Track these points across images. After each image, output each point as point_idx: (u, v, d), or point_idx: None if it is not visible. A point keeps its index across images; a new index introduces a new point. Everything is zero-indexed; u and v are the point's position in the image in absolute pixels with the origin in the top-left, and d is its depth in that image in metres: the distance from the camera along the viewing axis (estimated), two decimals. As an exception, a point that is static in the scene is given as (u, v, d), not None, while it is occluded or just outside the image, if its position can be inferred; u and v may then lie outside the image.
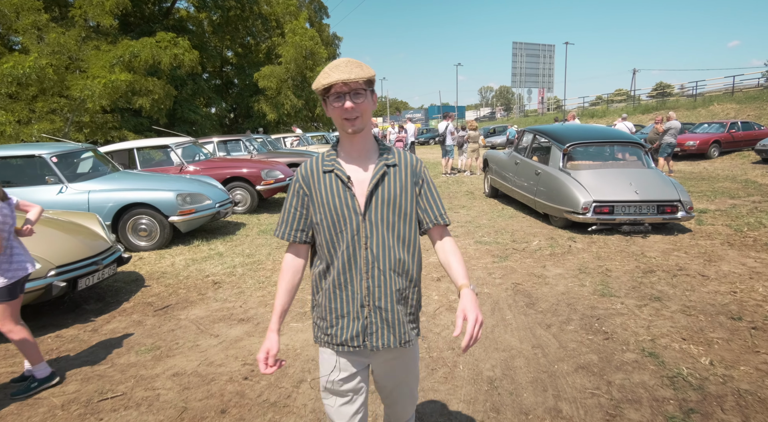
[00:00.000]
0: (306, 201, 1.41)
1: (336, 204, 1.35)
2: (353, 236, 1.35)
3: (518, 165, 7.38)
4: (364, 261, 1.35)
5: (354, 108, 1.29)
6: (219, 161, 8.87)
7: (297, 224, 1.43)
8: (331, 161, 1.39)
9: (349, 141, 1.38)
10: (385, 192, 1.36)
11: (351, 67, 1.28)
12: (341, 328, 1.39)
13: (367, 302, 1.37)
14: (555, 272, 4.39)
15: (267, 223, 7.51)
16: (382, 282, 1.36)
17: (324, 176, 1.38)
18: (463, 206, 8.14)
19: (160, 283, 4.74)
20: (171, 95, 13.11)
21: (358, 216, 1.35)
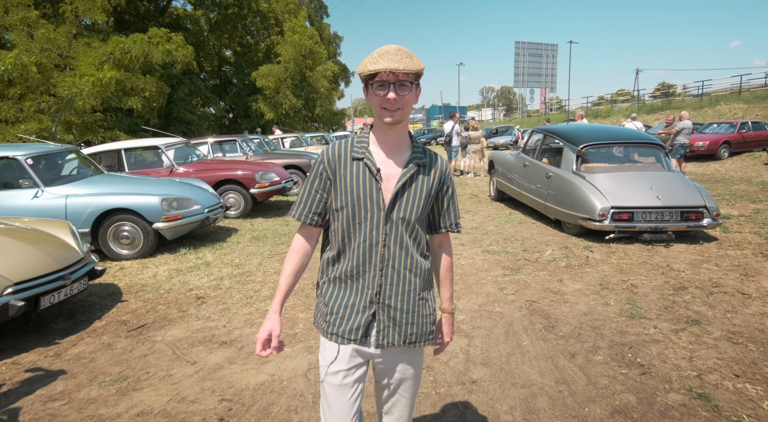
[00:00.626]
0: (328, 185, 1.36)
1: (360, 194, 1.31)
2: (371, 231, 1.31)
3: (527, 167, 6.95)
4: (380, 258, 1.32)
5: (397, 100, 1.24)
6: (211, 163, 8.46)
7: (315, 206, 1.39)
8: (362, 149, 1.34)
9: (384, 132, 1.32)
10: (412, 192, 1.32)
11: (401, 57, 1.22)
12: (342, 318, 1.36)
13: (377, 299, 1.34)
14: (573, 288, 3.96)
15: (260, 229, 7.09)
16: (395, 281, 1.34)
17: (353, 162, 1.33)
18: (468, 211, 7.71)
19: (139, 297, 4.32)
20: (164, 93, 12.70)
21: (381, 211, 1.30)
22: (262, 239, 6.35)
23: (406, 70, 1.21)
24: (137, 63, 11.21)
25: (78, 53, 10.61)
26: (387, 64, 1.20)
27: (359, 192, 1.31)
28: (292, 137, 16.47)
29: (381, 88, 1.24)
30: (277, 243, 6.11)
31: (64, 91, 9.11)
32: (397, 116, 1.27)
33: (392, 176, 1.32)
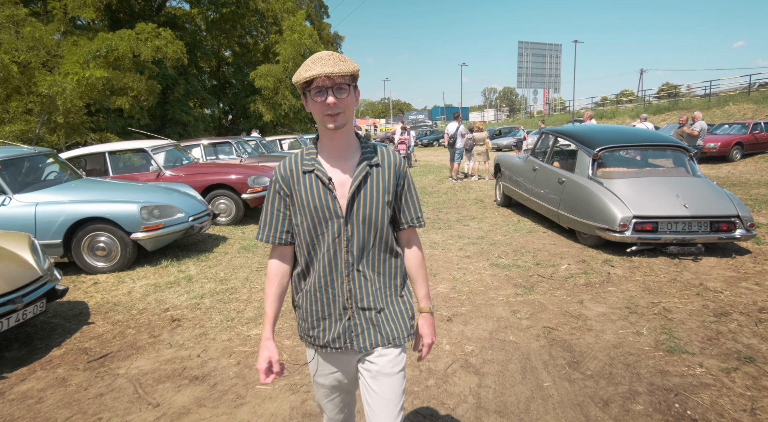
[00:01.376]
0: (287, 202, 1.36)
1: (317, 206, 1.31)
2: (334, 239, 1.32)
3: (537, 172, 6.48)
4: (344, 264, 1.33)
5: (337, 103, 1.23)
6: (202, 167, 8.02)
7: (281, 225, 1.39)
8: (311, 161, 1.34)
9: (330, 138, 1.32)
10: (368, 194, 1.32)
11: (335, 61, 1.22)
12: (323, 330, 1.38)
13: (349, 304, 1.35)
14: (597, 312, 3.48)
15: (251, 237, 6.63)
16: (363, 283, 1.35)
17: (304, 176, 1.33)
18: (474, 218, 7.23)
19: (108, 319, 3.86)
20: (155, 92, 12.24)
21: (339, 219, 1.31)
22: (251, 249, 5.89)
23: (342, 73, 1.20)
24: (127, 61, 10.77)
25: (63, 51, 10.16)
26: (321, 69, 1.19)
27: (315, 204, 1.30)
28: (291, 139, 16.05)
29: (319, 95, 1.23)
30: (268, 254, 5.64)
31: (44, 90, 8.68)
32: (340, 120, 1.25)
33: (345, 181, 1.32)
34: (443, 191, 10.39)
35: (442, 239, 5.95)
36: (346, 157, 1.34)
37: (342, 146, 1.33)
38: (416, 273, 1.46)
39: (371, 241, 1.34)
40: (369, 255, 1.35)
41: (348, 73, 1.22)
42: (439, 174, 13.85)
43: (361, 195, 1.31)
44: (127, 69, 10.99)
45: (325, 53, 1.25)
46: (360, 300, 1.35)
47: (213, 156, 10.61)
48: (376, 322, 1.37)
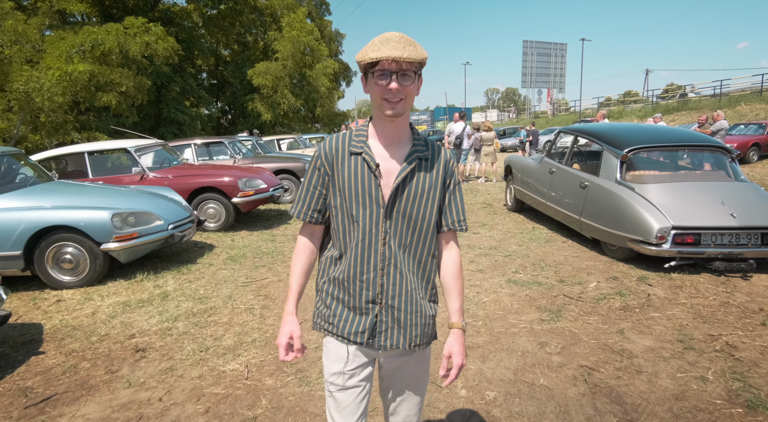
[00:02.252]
0: (326, 180, 1.30)
1: (358, 191, 1.25)
2: (371, 229, 1.25)
3: (554, 175, 5.88)
4: (380, 257, 1.26)
5: (399, 90, 1.17)
6: (190, 168, 7.45)
7: (315, 203, 1.33)
8: (360, 143, 1.27)
9: (384, 125, 1.25)
10: (413, 187, 1.26)
11: (404, 44, 1.15)
12: (346, 320, 1.31)
13: (379, 299, 1.29)
14: (643, 346, 2.89)
15: (241, 245, 6.06)
16: (397, 281, 1.28)
17: (350, 157, 1.27)
18: (484, 224, 6.64)
19: (62, 348, 3.30)
20: (144, 89, 11.67)
21: (380, 208, 1.25)
22: (239, 260, 5.32)
23: (410, 59, 1.14)
24: (115, 56, 10.18)
25: (46, 45, 9.61)
26: (390, 52, 1.13)
27: (357, 188, 1.25)
28: (290, 139, 15.49)
29: (382, 78, 1.17)
30: (257, 266, 5.08)
31: (19, 86, 8.12)
32: (399, 108, 1.20)
33: (392, 171, 1.26)
34: (449, 194, 9.81)
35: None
36: (398, 146, 1.28)
37: (395, 134, 1.27)
38: (452, 284, 1.36)
39: (410, 238, 1.28)
40: (407, 253, 1.29)
41: (417, 59, 1.15)
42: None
43: (407, 188, 1.26)
44: (116, 65, 10.44)
45: (396, 35, 1.17)
46: (391, 298, 1.28)
47: (206, 157, 10.06)
48: (403, 323, 1.30)
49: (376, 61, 1.14)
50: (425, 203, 1.27)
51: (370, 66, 1.16)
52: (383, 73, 1.15)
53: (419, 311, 1.31)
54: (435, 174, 1.29)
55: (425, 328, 1.34)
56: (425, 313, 1.33)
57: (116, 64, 10.56)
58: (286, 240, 6.28)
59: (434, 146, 1.33)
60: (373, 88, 1.19)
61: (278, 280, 4.61)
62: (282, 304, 3.98)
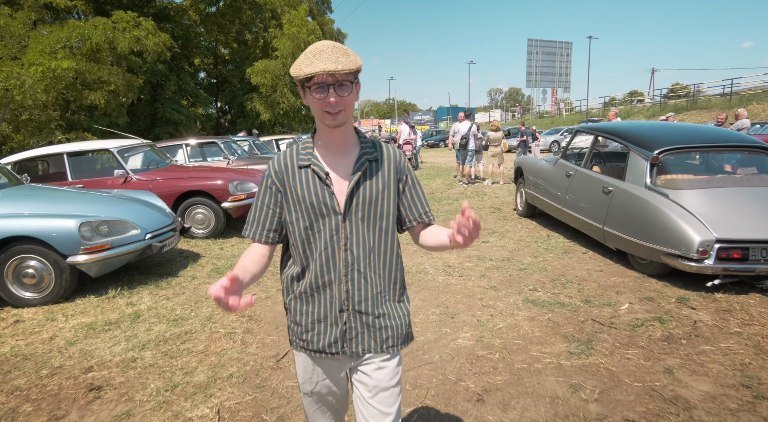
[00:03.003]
0: (279, 198, 1.30)
1: (313, 202, 1.25)
2: (332, 237, 1.25)
3: (572, 178, 5.37)
4: (343, 263, 1.26)
5: (338, 102, 1.17)
6: (178, 170, 6.97)
7: (270, 223, 1.32)
8: (307, 155, 1.28)
9: (328, 135, 1.25)
10: (367, 190, 1.26)
11: (337, 55, 1.13)
12: (317, 334, 1.30)
13: (346, 306, 1.28)
14: (700, 392, 2.37)
15: (230, 255, 5.57)
16: (362, 285, 1.28)
17: (299, 171, 1.27)
18: (494, 232, 6.12)
19: (6, 384, 2.80)
20: (134, 87, 11.16)
21: (338, 216, 1.25)
22: (226, 272, 4.81)
23: (345, 70, 1.13)
24: (104, 52, 9.68)
25: (30, 40, 9.14)
26: (324, 66, 1.12)
27: (311, 200, 1.25)
28: (289, 139, 15.00)
29: (320, 91, 1.16)
30: (244, 280, 4.58)
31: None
32: (341, 118, 1.19)
33: (343, 177, 1.26)
34: (454, 198, 9.30)
35: (458, 261, 4.86)
36: (345, 152, 1.28)
37: (341, 141, 1.26)
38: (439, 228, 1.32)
39: (372, 240, 1.28)
40: (370, 255, 1.28)
41: (352, 69, 1.15)
42: (447, 177, 12.75)
43: (360, 191, 1.26)
44: (106, 61, 9.95)
45: (328, 45, 1.15)
46: (358, 303, 1.28)
47: (199, 158, 9.59)
48: (373, 327, 1.30)
49: (311, 75, 1.13)
50: (381, 203, 1.28)
51: (306, 80, 1.16)
52: (320, 86, 1.15)
53: (388, 313, 1.31)
54: (387, 173, 1.29)
55: (397, 329, 1.33)
56: (395, 314, 1.33)
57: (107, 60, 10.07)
58: (278, 250, 5.78)
59: (382, 147, 1.33)
60: (312, 101, 1.18)
61: (266, 296, 4.11)
62: (269, 326, 3.48)
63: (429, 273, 4.48)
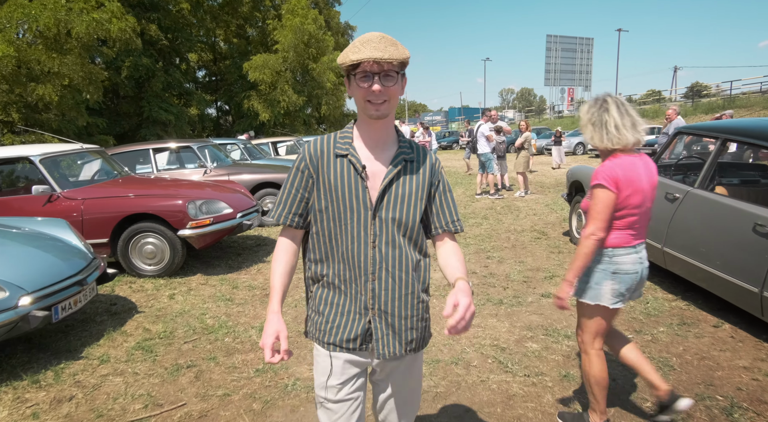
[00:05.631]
0: (310, 183, 1.27)
1: (345, 194, 1.23)
2: (359, 232, 1.23)
3: (679, 204, 3.60)
4: (371, 261, 1.24)
5: (382, 91, 1.15)
6: (126, 185, 5.33)
7: (296, 207, 1.29)
8: (345, 145, 1.26)
9: (369, 126, 1.24)
10: (400, 189, 1.25)
11: (385, 45, 1.13)
12: (339, 326, 1.27)
13: (371, 305, 1.25)
14: None
15: (177, 310, 3.89)
16: (389, 285, 1.25)
17: (336, 160, 1.25)
18: (552, 275, 4.36)
19: None
20: (98, 82, 9.52)
21: (368, 211, 1.23)
22: (158, 348, 3.15)
23: (391, 59, 1.12)
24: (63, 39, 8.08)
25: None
26: (370, 53, 1.11)
27: (344, 191, 1.23)
28: (289, 141, 13.33)
29: (364, 80, 1.15)
30: (179, 366, 2.90)
31: None
32: (383, 110, 1.19)
33: (378, 173, 1.25)
34: (481, 214, 7.55)
35: (508, 330, 3.14)
36: (383, 148, 1.26)
37: (380, 136, 1.25)
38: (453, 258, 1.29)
39: (400, 240, 1.25)
40: (399, 255, 1.25)
41: (398, 59, 1.14)
42: (469, 186, 10.98)
43: (393, 189, 1.24)
44: (68, 50, 8.37)
45: (377, 35, 1.16)
46: (384, 303, 1.25)
47: (176, 166, 7.96)
48: (397, 329, 1.27)
49: (358, 63, 1.13)
50: (412, 205, 1.26)
51: (352, 68, 1.16)
52: (365, 75, 1.14)
53: (414, 315, 1.29)
54: (421, 176, 1.28)
55: (420, 331, 1.32)
56: (421, 316, 1.31)
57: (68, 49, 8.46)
58: (250, 300, 4.09)
59: (419, 149, 1.33)
60: (356, 90, 1.18)
61: (206, 411, 2.42)
62: None
63: (473, 367, 2.75)
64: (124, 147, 7.46)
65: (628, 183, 1.78)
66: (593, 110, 1.87)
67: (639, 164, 1.83)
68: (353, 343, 1.25)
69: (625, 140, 1.80)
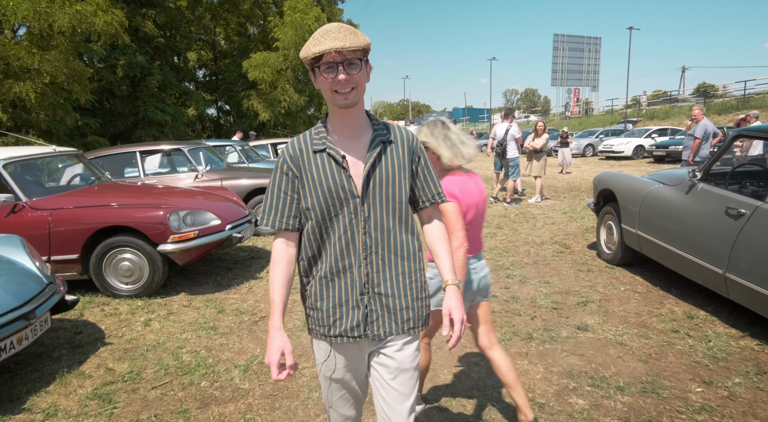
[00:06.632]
0: (296, 184, 1.29)
1: (330, 186, 1.24)
2: (350, 220, 1.26)
3: (746, 222, 3.01)
4: (362, 246, 1.27)
5: (348, 80, 1.17)
6: (102, 193, 4.80)
7: (289, 210, 1.30)
8: (321, 139, 1.27)
9: (341, 117, 1.26)
10: (383, 171, 1.27)
11: (345, 34, 1.15)
12: (339, 318, 1.29)
13: (366, 289, 1.29)
14: None
15: (151, 343, 3.34)
16: (381, 267, 1.28)
17: (315, 155, 1.27)
18: (585, 303, 3.76)
19: None
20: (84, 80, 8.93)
21: (356, 199, 1.25)
22: (119, 396, 2.60)
23: (353, 47, 1.14)
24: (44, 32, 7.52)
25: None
26: (332, 44, 1.13)
27: (329, 184, 1.24)
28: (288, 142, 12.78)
29: (329, 71, 1.17)
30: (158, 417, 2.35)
31: None
32: (352, 98, 1.19)
33: (359, 160, 1.26)
34: (495, 223, 6.97)
35: (543, 376, 2.57)
36: (358, 135, 1.28)
37: (353, 124, 1.27)
38: (439, 246, 1.37)
39: (390, 221, 1.28)
40: (388, 237, 1.28)
41: (360, 47, 1.16)
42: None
43: (377, 173, 1.26)
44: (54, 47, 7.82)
45: (335, 25, 1.17)
46: (377, 285, 1.28)
47: (167, 169, 7.44)
48: (393, 309, 1.30)
49: (320, 54, 1.13)
50: (398, 184, 1.28)
51: (315, 61, 1.16)
52: (329, 66, 1.15)
53: (408, 293, 1.31)
54: (401, 154, 1.30)
55: (417, 311, 1.33)
56: (416, 295, 1.32)
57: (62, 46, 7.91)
58: (236, 329, 3.52)
59: (394, 128, 1.33)
60: (322, 83, 1.19)
61: None
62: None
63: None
64: (107, 150, 6.93)
65: (465, 199, 1.91)
66: (437, 130, 1.95)
67: (469, 181, 1.97)
68: (357, 331, 1.27)
69: (469, 157, 1.93)
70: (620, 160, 18.66)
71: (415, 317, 1.32)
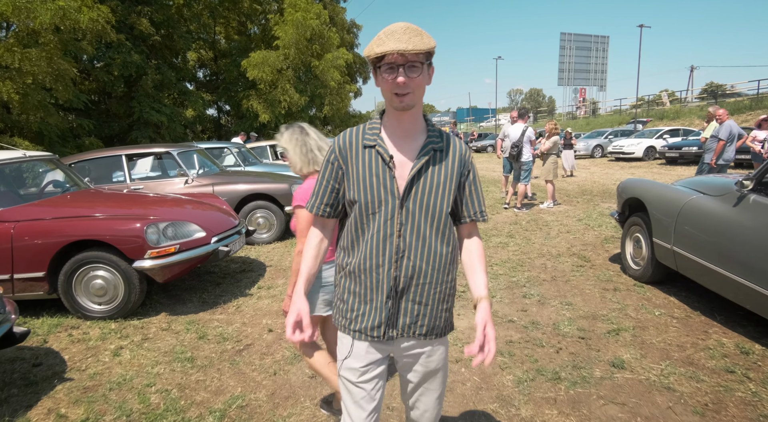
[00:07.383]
0: (340, 175, 1.31)
1: (373, 184, 1.25)
2: (386, 221, 1.25)
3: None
4: (395, 249, 1.25)
5: (407, 83, 1.15)
6: (75, 202, 4.38)
7: (327, 197, 1.34)
8: (373, 136, 1.28)
9: (396, 118, 1.25)
10: (428, 179, 1.26)
11: (409, 35, 1.13)
12: (362, 314, 1.31)
13: (393, 293, 1.27)
14: None
15: (116, 379, 2.89)
16: (411, 274, 1.27)
17: (364, 150, 1.28)
18: (617, 331, 3.26)
19: None
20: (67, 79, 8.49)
21: (395, 200, 1.24)
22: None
23: (416, 50, 1.12)
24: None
25: None
26: (394, 46, 1.11)
27: (372, 181, 1.25)
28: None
29: (389, 72, 1.16)
30: None
31: None
32: (408, 101, 1.19)
33: (406, 162, 1.26)
34: (506, 231, 6.49)
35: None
36: (411, 138, 1.27)
37: (408, 126, 1.26)
38: (475, 262, 1.35)
39: (427, 230, 1.26)
40: (423, 244, 1.26)
41: (423, 50, 1.13)
42: (488, 196, 9.89)
43: (422, 179, 1.25)
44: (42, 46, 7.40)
45: (401, 26, 1.15)
46: (405, 290, 1.27)
47: (157, 173, 7.03)
48: (417, 315, 1.30)
49: (382, 55, 1.13)
50: (441, 194, 1.26)
51: (377, 60, 1.16)
52: (390, 67, 1.15)
53: (434, 303, 1.30)
54: (450, 165, 1.28)
55: (439, 320, 1.33)
56: (441, 306, 1.32)
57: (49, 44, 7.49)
58: (217, 361, 3.06)
59: (449, 138, 1.32)
60: (382, 82, 1.19)
61: None
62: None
63: None
64: (91, 153, 6.50)
65: None
66: (294, 136, 1.97)
67: None
68: (377, 331, 1.28)
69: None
70: (630, 161, 18.10)
71: (439, 325, 1.32)
